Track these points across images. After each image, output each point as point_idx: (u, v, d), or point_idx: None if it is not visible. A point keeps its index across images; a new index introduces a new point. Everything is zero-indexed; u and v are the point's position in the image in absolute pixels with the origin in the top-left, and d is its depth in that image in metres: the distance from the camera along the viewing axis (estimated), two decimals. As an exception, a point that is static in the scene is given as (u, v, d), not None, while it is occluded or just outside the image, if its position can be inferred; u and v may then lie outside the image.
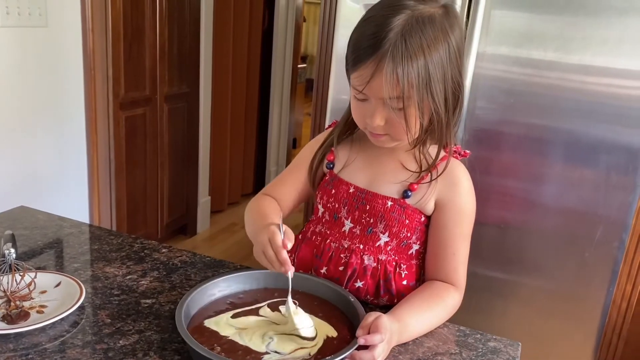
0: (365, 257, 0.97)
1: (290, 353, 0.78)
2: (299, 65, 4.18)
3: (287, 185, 1.08)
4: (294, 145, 4.54)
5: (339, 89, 1.65)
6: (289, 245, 0.82)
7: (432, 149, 0.94)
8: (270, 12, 3.74)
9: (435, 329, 0.92)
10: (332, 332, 0.84)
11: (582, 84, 1.39)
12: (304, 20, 5.22)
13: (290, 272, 0.82)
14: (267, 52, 3.81)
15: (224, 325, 0.83)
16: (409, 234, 0.96)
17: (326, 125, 1.72)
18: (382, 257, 0.97)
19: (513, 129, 1.48)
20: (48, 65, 1.95)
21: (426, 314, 0.90)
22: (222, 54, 3.28)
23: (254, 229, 0.92)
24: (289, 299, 0.84)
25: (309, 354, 0.78)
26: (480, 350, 0.88)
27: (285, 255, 0.81)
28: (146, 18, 2.55)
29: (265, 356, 0.77)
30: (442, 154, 0.93)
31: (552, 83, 1.42)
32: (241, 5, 3.40)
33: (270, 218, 0.92)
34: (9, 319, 0.83)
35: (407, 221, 0.95)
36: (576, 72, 1.39)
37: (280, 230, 0.84)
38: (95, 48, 2.12)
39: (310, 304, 0.91)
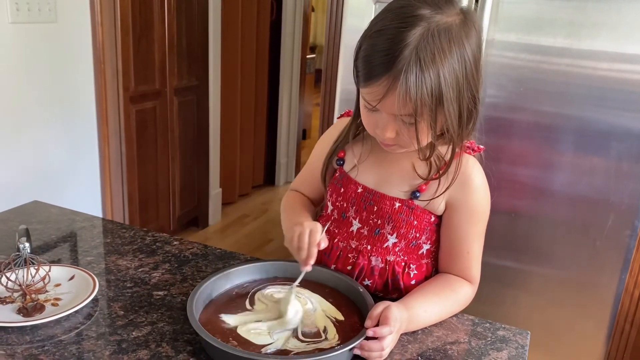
0: (373, 259, 0.97)
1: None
2: (308, 56, 4.16)
3: (308, 182, 1.12)
4: (304, 136, 4.54)
5: (348, 79, 1.64)
6: (322, 245, 0.87)
7: (443, 149, 0.90)
8: (278, 3, 3.73)
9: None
10: (340, 317, 0.87)
11: (593, 71, 1.37)
12: (312, 10, 5.20)
13: (308, 268, 0.87)
14: (276, 43, 3.80)
15: (236, 316, 0.85)
16: (417, 235, 0.95)
17: (336, 115, 1.71)
18: (390, 258, 0.96)
19: (523, 117, 1.46)
20: (58, 60, 1.97)
21: (436, 304, 0.90)
22: (230, 46, 3.27)
23: (289, 225, 0.97)
24: (294, 286, 0.87)
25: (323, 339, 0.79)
26: (490, 339, 0.88)
27: (315, 251, 0.86)
28: (155, 11, 2.56)
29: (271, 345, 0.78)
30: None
31: (562, 70, 1.40)
32: (249, -3, 3.39)
33: (307, 217, 1.00)
34: (25, 312, 0.85)
35: (415, 222, 0.94)
36: (587, 59, 1.37)
37: (321, 231, 0.88)
38: (105, 42, 2.13)
39: (322, 292, 0.92)
